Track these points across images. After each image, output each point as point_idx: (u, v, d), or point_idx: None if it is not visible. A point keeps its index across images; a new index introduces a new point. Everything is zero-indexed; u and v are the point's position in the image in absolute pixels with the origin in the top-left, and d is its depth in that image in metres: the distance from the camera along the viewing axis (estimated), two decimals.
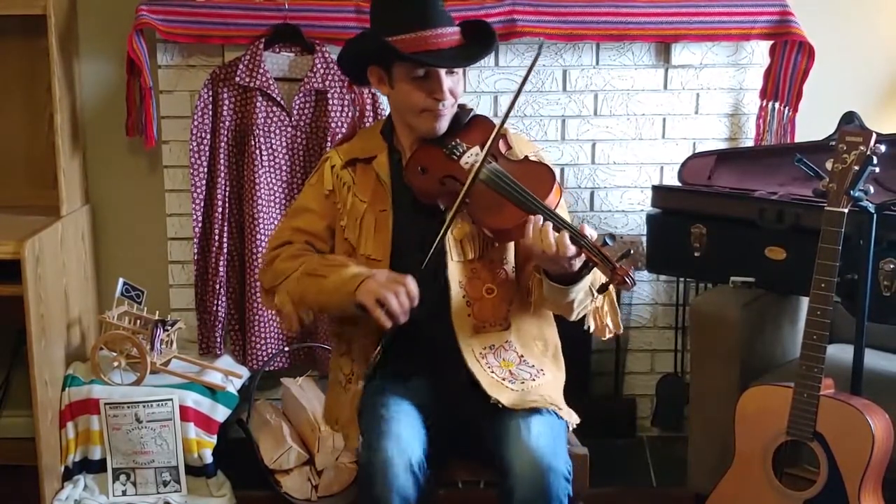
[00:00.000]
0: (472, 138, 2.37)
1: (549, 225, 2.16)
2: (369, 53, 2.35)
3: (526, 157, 2.41)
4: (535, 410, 2.31)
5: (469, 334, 2.35)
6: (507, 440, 2.25)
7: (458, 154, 2.34)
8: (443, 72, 2.29)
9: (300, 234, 2.45)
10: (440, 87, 2.29)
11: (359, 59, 2.39)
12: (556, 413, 2.36)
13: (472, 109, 2.44)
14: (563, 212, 2.32)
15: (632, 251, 2.16)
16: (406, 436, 2.26)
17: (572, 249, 2.14)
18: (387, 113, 2.52)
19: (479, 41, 2.35)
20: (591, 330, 2.40)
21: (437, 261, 2.32)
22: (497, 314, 2.37)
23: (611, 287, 2.17)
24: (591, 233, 2.16)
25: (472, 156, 2.33)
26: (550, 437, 2.27)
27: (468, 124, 2.41)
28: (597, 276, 2.25)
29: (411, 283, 2.24)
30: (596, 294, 2.30)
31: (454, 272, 2.34)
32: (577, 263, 2.18)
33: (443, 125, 2.35)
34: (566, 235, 2.14)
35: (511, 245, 2.39)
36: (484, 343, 2.36)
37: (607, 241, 2.15)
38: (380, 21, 2.35)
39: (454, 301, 2.34)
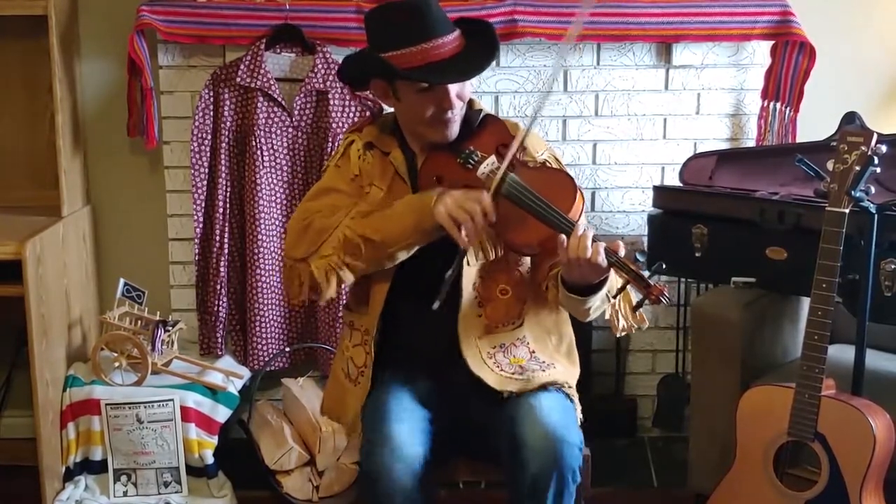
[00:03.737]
0: (485, 144, 2.29)
1: (590, 234, 2.11)
2: (370, 71, 2.31)
3: (544, 162, 2.36)
4: (544, 389, 2.32)
5: (479, 335, 2.33)
6: (519, 418, 2.25)
7: (474, 163, 2.26)
8: None
9: (332, 210, 2.35)
10: (447, 97, 2.25)
11: (361, 76, 2.36)
12: (565, 393, 2.36)
13: (481, 109, 2.39)
14: (582, 217, 2.29)
15: (664, 265, 2.12)
16: (408, 436, 2.25)
17: (605, 260, 2.10)
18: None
19: (481, 45, 2.29)
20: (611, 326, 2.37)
21: (450, 263, 2.25)
22: (510, 314, 2.36)
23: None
24: (622, 250, 2.13)
25: (488, 166, 2.24)
26: (561, 412, 2.28)
27: (480, 126, 2.35)
28: (613, 284, 2.21)
29: (486, 201, 2.17)
30: (632, 311, 2.29)
31: (468, 275, 2.31)
32: (600, 277, 2.15)
33: (454, 131, 2.31)
34: (601, 247, 2.11)
35: None
36: (494, 342, 2.35)
37: (638, 257, 2.12)
38: (377, 36, 2.29)
39: (464, 303, 2.32)
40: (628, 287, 2.14)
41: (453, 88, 2.25)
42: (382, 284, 2.35)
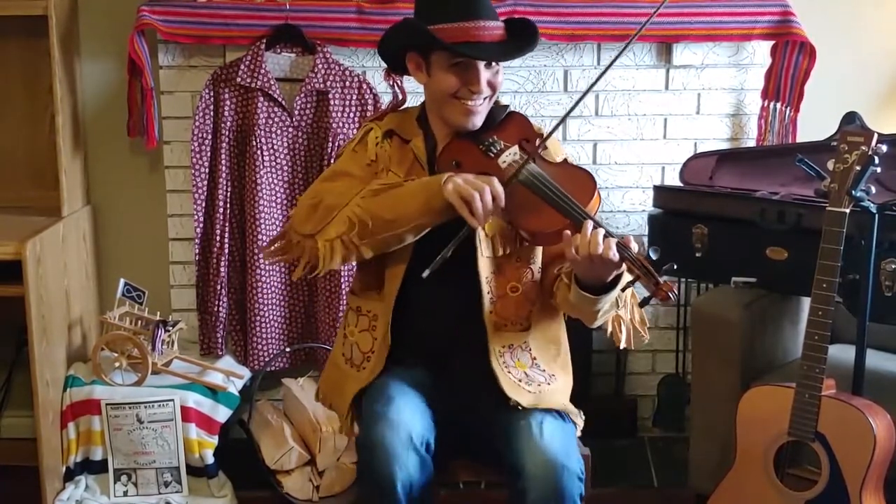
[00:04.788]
0: (508, 136, 2.33)
1: (601, 230, 2.11)
2: (411, 40, 2.33)
3: (565, 159, 2.38)
4: (547, 412, 2.32)
5: (490, 331, 2.34)
6: (520, 441, 2.25)
7: (496, 152, 2.29)
8: (481, 64, 2.27)
9: (343, 192, 2.35)
10: (477, 79, 2.27)
11: (399, 45, 2.36)
12: (566, 416, 2.36)
13: (507, 106, 2.42)
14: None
15: (675, 266, 2.12)
16: (408, 412, 2.25)
17: (616, 255, 2.10)
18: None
19: (521, 38, 2.33)
20: (609, 333, 2.38)
21: (466, 255, 2.28)
22: (519, 314, 2.36)
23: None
24: (634, 245, 2.13)
25: (510, 155, 2.28)
26: (562, 438, 2.27)
27: (504, 121, 2.37)
28: (624, 291, 2.21)
29: (496, 184, 2.19)
30: (636, 306, 2.30)
31: (483, 267, 2.32)
32: (613, 273, 2.15)
33: (477, 121, 2.32)
34: (613, 242, 2.11)
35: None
36: (503, 342, 2.35)
37: (651, 254, 2.12)
38: (425, 8, 2.33)
39: (482, 296, 2.32)
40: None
41: (484, 74, 2.28)
42: (397, 269, 2.35)
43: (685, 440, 3.22)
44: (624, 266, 2.13)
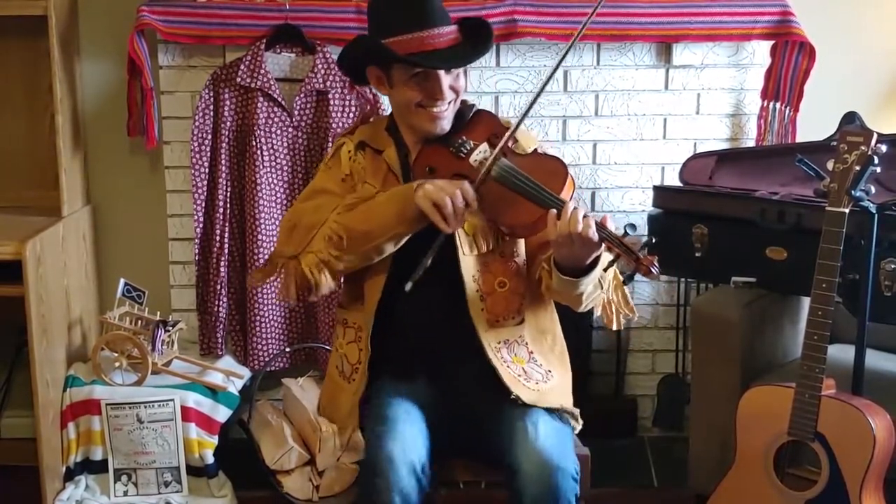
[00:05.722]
0: (477, 134, 2.35)
1: (580, 211, 2.13)
2: (367, 55, 2.35)
3: (535, 150, 2.39)
4: (544, 411, 2.33)
5: (484, 328, 2.35)
6: (515, 442, 2.26)
7: (466, 152, 2.31)
8: (441, 71, 2.28)
9: (321, 209, 2.38)
10: (439, 87, 2.29)
11: (357, 61, 2.38)
12: (562, 417, 2.37)
13: (473, 105, 2.43)
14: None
15: (654, 239, 2.14)
16: (410, 436, 2.27)
17: (595, 232, 2.13)
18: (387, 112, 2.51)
19: (476, 40, 2.34)
20: (603, 321, 2.40)
21: (447, 255, 2.29)
22: (510, 308, 2.37)
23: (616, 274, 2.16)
24: (611, 224, 2.16)
25: (480, 153, 2.30)
26: (557, 438, 2.29)
27: (472, 120, 2.39)
28: (604, 261, 2.23)
29: (467, 186, 2.22)
30: (622, 282, 2.32)
31: (467, 266, 2.33)
32: (592, 255, 2.18)
33: (444, 125, 2.34)
34: (591, 220, 2.13)
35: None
36: (498, 337, 2.36)
37: (628, 231, 2.15)
38: (377, 22, 2.35)
39: (469, 295, 2.33)
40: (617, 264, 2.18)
41: (446, 80, 2.29)
42: (377, 280, 2.36)
43: (685, 440, 3.22)
44: (603, 247, 2.16)
